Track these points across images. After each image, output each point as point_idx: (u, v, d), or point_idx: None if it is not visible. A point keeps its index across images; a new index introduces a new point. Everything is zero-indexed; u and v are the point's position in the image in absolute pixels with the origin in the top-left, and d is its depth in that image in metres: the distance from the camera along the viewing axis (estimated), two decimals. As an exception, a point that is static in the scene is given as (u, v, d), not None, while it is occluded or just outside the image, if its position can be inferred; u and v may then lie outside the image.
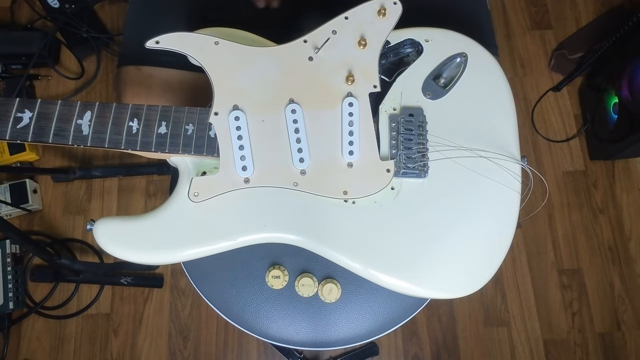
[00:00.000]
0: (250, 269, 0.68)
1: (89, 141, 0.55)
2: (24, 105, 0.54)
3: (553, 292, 1.27)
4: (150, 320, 1.24)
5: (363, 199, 0.58)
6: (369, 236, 0.57)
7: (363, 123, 0.58)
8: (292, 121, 0.58)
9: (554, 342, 1.24)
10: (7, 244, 1.20)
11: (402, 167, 0.59)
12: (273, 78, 0.59)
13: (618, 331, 1.24)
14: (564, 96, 1.42)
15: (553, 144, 1.39)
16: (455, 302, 1.26)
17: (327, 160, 0.58)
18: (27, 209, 1.26)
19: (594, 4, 1.51)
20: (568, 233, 1.31)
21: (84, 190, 1.33)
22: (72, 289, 1.24)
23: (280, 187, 0.57)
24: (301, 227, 0.57)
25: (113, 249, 0.55)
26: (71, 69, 1.43)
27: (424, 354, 1.23)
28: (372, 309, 0.68)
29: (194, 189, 0.56)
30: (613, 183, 1.35)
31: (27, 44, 1.32)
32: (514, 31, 1.49)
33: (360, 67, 0.59)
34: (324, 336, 0.68)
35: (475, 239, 0.59)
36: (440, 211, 0.59)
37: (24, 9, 1.45)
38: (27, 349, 1.21)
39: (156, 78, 0.75)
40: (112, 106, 0.56)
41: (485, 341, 1.23)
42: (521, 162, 0.62)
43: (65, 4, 1.26)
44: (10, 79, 1.36)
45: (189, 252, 0.56)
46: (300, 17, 0.58)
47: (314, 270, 0.68)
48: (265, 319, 0.68)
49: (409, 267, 0.57)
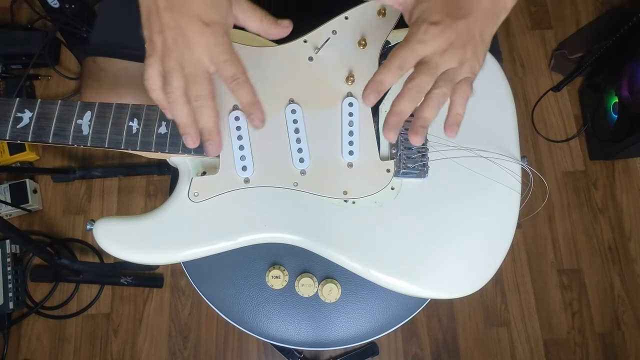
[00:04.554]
0: (250, 269, 0.68)
1: (89, 141, 0.55)
2: (24, 105, 0.54)
3: (553, 292, 1.27)
4: (150, 320, 1.24)
5: (363, 199, 0.58)
6: (369, 236, 0.57)
7: (363, 123, 0.58)
8: (292, 121, 0.58)
9: (554, 342, 1.24)
10: (7, 244, 1.20)
11: (402, 167, 0.59)
12: (273, 78, 0.59)
13: (618, 331, 1.25)
14: (564, 96, 1.42)
15: (553, 144, 1.39)
16: (455, 302, 1.26)
17: (327, 160, 0.58)
18: (27, 209, 1.26)
19: (594, 4, 1.51)
20: (568, 233, 1.31)
21: (84, 190, 1.33)
22: (72, 289, 1.24)
23: (280, 187, 0.57)
24: (301, 227, 0.57)
25: (113, 249, 0.55)
26: (71, 69, 1.43)
27: (424, 354, 1.23)
28: (372, 309, 0.68)
29: (194, 189, 0.56)
30: (613, 183, 1.35)
31: (27, 44, 1.32)
32: (514, 31, 1.49)
33: (361, 67, 0.59)
34: (324, 336, 0.68)
35: (475, 239, 0.59)
36: (440, 211, 0.59)
37: (24, 9, 1.45)
38: (27, 349, 1.21)
39: (107, 71, 0.70)
40: (112, 106, 0.56)
41: (485, 341, 1.23)
42: (521, 162, 0.62)
43: (65, 4, 1.26)
44: (10, 79, 1.36)
45: (189, 252, 0.56)
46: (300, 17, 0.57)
47: (314, 270, 0.68)
48: (265, 319, 0.68)
49: (409, 267, 0.57)
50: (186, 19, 0.45)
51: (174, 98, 0.47)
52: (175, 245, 0.56)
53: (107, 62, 0.70)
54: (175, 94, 0.47)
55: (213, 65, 0.47)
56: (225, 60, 0.47)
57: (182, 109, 0.47)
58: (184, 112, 0.47)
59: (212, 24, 0.46)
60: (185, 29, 0.45)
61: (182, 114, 0.47)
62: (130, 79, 0.70)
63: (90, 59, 0.72)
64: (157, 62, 0.47)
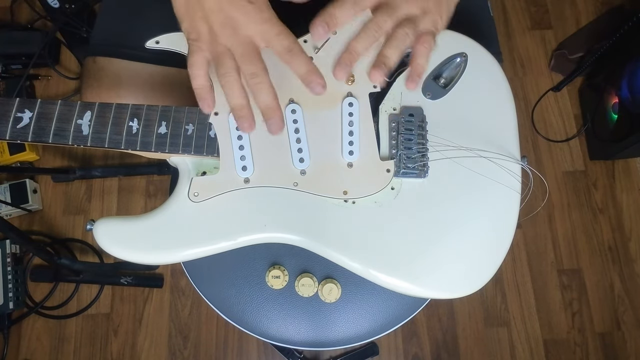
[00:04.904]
0: (250, 269, 0.68)
1: (89, 141, 0.55)
2: (24, 105, 0.54)
3: (553, 292, 1.27)
4: (150, 320, 1.24)
5: (363, 199, 0.58)
6: (369, 236, 0.57)
7: (363, 123, 0.58)
8: (292, 121, 0.58)
9: (554, 342, 1.24)
10: (7, 244, 1.20)
11: (402, 167, 0.59)
12: (273, 78, 0.59)
13: (618, 331, 1.25)
14: (564, 96, 1.42)
15: (553, 144, 1.39)
16: (455, 302, 1.26)
17: (327, 160, 0.58)
18: (27, 209, 1.26)
19: (594, 4, 1.51)
20: (568, 233, 1.31)
21: (84, 190, 1.33)
22: (72, 289, 1.24)
23: (280, 187, 0.57)
24: (301, 227, 0.57)
25: (113, 249, 0.55)
26: (71, 69, 1.43)
27: (424, 354, 1.23)
28: (372, 309, 0.68)
29: (194, 189, 0.56)
30: (613, 183, 1.35)
31: (27, 44, 1.32)
32: (514, 31, 1.49)
33: (361, 67, 0.59)
34: (324, 336, 0.68)
35: (475, 239, 0.59)
36: (440, 211, 0.59)
37: (24, 9, 1.45)
38: (27, 349, 1.21)
39: (107, 71, 0.70)
40: (112, 106, 0.56)
41: (485, 341, 1.24)
42: (521, 162, 0.62)
43: (65, 4, 1.26)
44: (10, 79, 1.36)
45: (188, 252, 0.56)
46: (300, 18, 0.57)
47: (314, 270, 0.68)
48: (265, 319, 0.68)
49: (409, 267, 0.57)
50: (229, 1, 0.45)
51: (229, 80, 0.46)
52: (175, 245, 0.56)
53: (107, 62, 0.70)
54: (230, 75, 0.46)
55: (263, 42, 0.46)
56: (277, 33, 0.46)
57: (239, 90, 0.46)
58: (240, 93, 0.46)
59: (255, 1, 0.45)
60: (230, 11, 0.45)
61: (239, 95, 0.46)
62: (131, 79, 0.69)
63: (91, 59, 0.71)
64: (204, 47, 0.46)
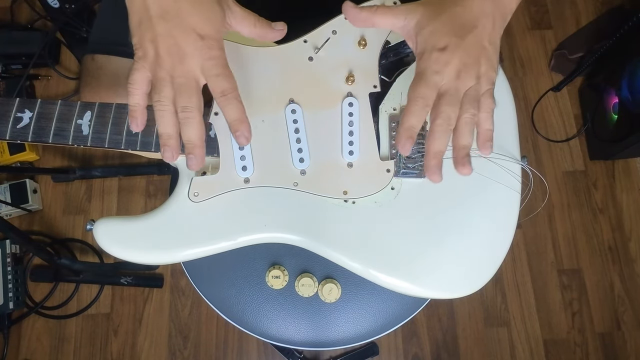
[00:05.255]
0: (250, 269, 0.68)
1: (89, 141, 0.55)
2: (24, 105, 0.54)
3: (553, 292, 1.27)
4: (150, 320, 1.24)
5: (363, 199, 0.58)
6: (369, 236, 0.57)
7: (363, 123, 0.58)
8: (292, 121, 0.58)
9: (554, 342, 1.24)
10: (7, 244, 1.20)
11: (402, 167, 0.59)
12: (273, 78, 0.59)
13: (618, 331, 1.25)
14: (564, 96, 1.42)
15: (553, 144, 1.39)
16: (455, 302, 1.26)
17: (327, 160, 0.58)
18: (27, 209, 1.26)
19: (594, 4, 1.51)
20: (568, 233, 1.31)
21: (84, 190, 1.33)
22: (72, 289, 1.24)
23: (280, 187, 0.57)
24: (301, 227, 0.57)
25: (113, 249, 0.55)
26: (71, 69, 1.43)
27: (424, 354, 1.23)
28: (372, 309, 0.68)
29: (194, 189, 0.56)
30: (613, 183, 1.35)
31: (27, 44, 1.32)
32: (514, 31, 1.49)
33: (361, 67, 0.59)
34: (324, 336, 0.68)
35: (475, 239, 0.59)
36: (440, 211, 0.59)
37: (24, 9, 1.45)
38: (27, 349, 1.21)
39: (106, 70, 0.69)
40: (112, 106, 0.56)
41: (485, 341, 1.24)
42: (521, 162, 0.62)
43: (65, 4, 1.26)
44: (10, 79, 1.36)
45: (188, 252, 0.56)
46: (300, 18, 0.57)
47: (314, 270, 0.68)
48: (265, 319, 0.68)
49: (409, 267, 0.57)
50: (181, 31, 0.45)
51: (161, 108, 0.46)
52: (175, 245, 0.56)
53: (106, 60, 0.70)
54: (164, 103, 0.46)
55: (203, 78, 0.46)
56: (217, 74, 0.46)
57: (170, 119, 0.46)
58: (170, 122, 0.46)
59: (207, 37, 0.45)
60: (179, 41, 0.45)
61: (169, 124, 0.46)
62: None
63: (89, 57, 0.71)
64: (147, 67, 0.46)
